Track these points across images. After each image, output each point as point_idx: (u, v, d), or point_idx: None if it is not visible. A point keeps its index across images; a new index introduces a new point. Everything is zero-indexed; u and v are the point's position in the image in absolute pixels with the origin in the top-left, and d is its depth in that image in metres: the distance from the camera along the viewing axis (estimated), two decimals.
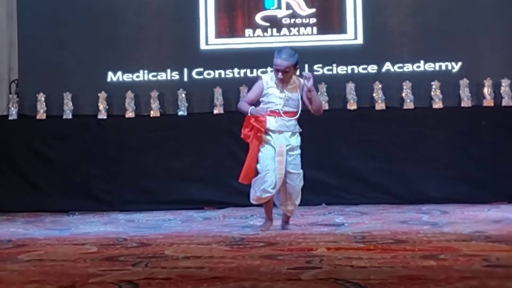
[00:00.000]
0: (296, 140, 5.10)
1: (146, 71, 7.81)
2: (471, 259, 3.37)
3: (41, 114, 7.68)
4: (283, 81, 5.05)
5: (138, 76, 7.81)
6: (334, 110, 7.37)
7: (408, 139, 7.12)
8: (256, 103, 5.15)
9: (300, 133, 5.13)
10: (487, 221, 5.31)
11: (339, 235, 4.67)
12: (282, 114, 5.03)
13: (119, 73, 7.82)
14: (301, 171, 5.10)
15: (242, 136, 5.11)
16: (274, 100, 5.05)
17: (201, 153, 7.20)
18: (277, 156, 5.00)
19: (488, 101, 7.26)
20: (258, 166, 5.05)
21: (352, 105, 7.36)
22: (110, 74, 7.82)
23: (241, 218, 6.13)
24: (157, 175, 7.29)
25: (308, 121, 7.04)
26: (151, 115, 7.57)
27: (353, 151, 7.14)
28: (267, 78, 5.15)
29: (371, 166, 7.10)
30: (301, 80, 5.10)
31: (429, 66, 7.56)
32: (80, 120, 7.62)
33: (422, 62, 7.58)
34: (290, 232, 4.88)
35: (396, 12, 7.70)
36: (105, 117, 7.57)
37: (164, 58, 7.86)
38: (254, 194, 5.08)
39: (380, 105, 7.32)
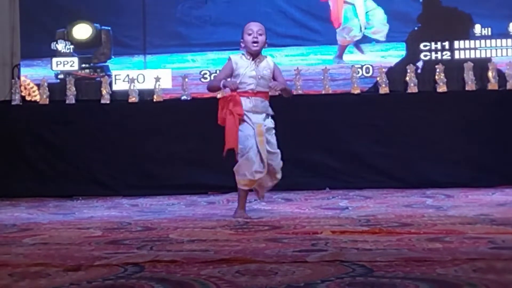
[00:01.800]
0: (270, 122, 4.98)
1: None
2: (476, 241, 3.37)
3: (44, 99, 7.66)
4: (258, 48, 4.91)
5: None
6: (338, 94, 7.36)
7: (412, 123, 7.09)
8: None
9: (272, 116, 5.01)
10: (492, 204, 5.30)
11: (343, 218, 4.66)
12: (256, 94, 4.90)
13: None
14: (278, 150, 4.97)
15: (219, 121, 4.96)
16: (246, 80, 4.90)
17: (205, 138, 7.16)
18: (257, 136, 4.84)
19: (493, 85, 7.21)
20: (239, 146, 4.85)
21: (355, 89, 7.33)
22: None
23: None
24: (160, 160, 7.28)
25: (312, 106, 7.11)
26: (154, 100, 7.55)
27: (357, 135, 7.11)
28: (237, 58, 4.98)
29: (375, 150, 7.07)
30: (270, 63, 4.99)
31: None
32: (83, 105, 7.61)
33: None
34: (295, 216, 4.86)
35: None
36: (108, 102, 7.55)
37: None
38: (245, 178, 4.86)
39: (384, 89, 7.29)
